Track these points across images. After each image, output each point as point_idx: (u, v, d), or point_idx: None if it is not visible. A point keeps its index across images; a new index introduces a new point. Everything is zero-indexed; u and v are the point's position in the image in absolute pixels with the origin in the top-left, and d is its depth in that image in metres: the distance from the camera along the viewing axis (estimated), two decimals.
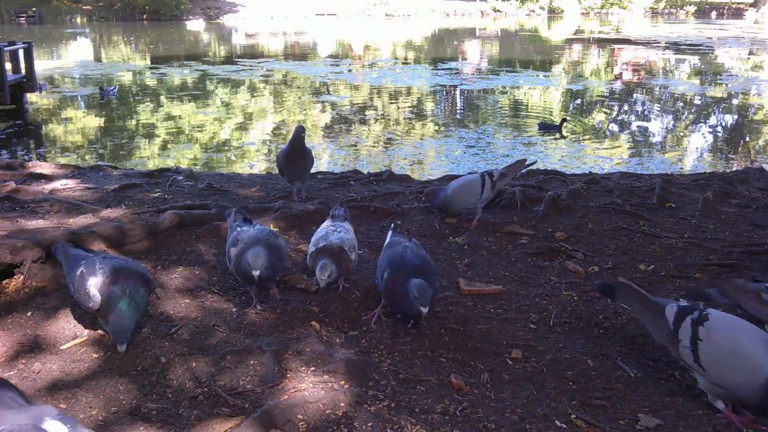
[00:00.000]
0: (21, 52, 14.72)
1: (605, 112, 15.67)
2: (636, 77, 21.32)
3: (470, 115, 15.20)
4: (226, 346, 2.88)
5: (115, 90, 16.97)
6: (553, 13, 56.62)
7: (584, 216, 4.92)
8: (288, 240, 4.26)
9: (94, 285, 2.72)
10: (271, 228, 4.38)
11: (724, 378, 2.50)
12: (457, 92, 18.67)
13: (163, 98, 17.13)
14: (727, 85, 19.69)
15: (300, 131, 5.06)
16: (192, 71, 21.81)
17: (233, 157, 11.18)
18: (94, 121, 14.28)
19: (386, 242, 3.49)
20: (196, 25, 44.74)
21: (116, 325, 2.69)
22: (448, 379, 2.71)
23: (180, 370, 2.70)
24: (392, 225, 3.75)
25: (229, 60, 25.94)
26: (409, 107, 16.01)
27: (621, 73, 22.34)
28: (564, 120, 12.73)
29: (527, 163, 4.94)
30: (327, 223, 3.65)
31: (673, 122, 14.60)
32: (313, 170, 5.77)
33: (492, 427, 2.42)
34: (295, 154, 5.07)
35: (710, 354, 2.52)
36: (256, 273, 3.04)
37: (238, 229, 3.37)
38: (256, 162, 10.70)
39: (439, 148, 11.70)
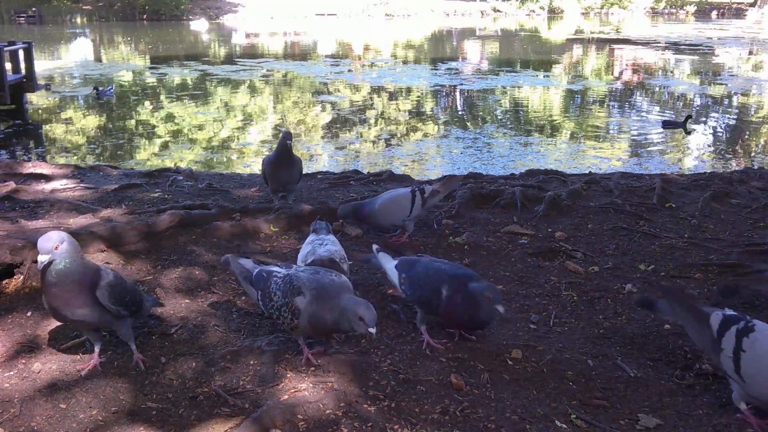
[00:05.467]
0: (21, 52, 14.72)
1: (605, 112, 15.67)
2: (636, 77, 21.33)
3: (469, 115, 15.21)
4: (227, 346, 2.88)
5: (111, 90, 16.79)
6: (553, 13, 56.64)
7: (584, 216, 4.92)
8: (288, 240, 4.26)
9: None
10: (271, 228, 4.39)
11: (764, 391, 2.43)
12: (457, 92, 18.67)
13: (162, 98, 17.13)
14: (727, 85, 19.70)
15: (287, 138, 4.76)
16: (192, 71, 21.81)
17: (233, 157, 11.18)
18: (94, 121, 14.28)
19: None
20: (199, 25, 44.69)
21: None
22: (448, 379, 2.70)
23: (180, 370, 2.70)
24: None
25: (229, 60, 25.95)
26: (408, 107, 16.01)
27: (621, 73, 22.34)
28: (689, 116, 13.03)
29: (461, 180, 4.77)
30: (311, 238, 3.48)
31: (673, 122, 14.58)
32: (313, 170, 5.75)
33: (492, 427, 2.42)
34: (281, 162, 4.79)
35: (752, 366, 2.45)
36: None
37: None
38: (255, 162, 10.69)
39: (438, 148, 11.71)
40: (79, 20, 47.17)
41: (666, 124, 13.11)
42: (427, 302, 2.97)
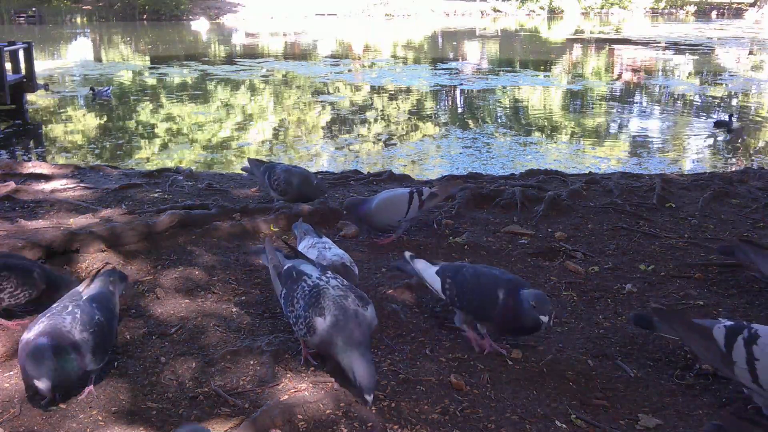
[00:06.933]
0: (21, 52, 14.72)
1: (605, 112, 15.67)
2: (636, 77, 21.33)
3: (469, 115, 15.21)
4: (227, 346, 2.88)
5: (109, 91, 16.66)
6: (553, 13, 56.63)
7: (584, 216, 4.92)
8: (287, 240, 4.26)
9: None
10: (271, 228, 4.38)
11: None
12: (457, 92, 18.68)
13: (162, 98, 17.12)
14: (727, 85, 19.70)
15: (321, 192, 4.85)
16: (192, 71, 21.81)
17: (233, 157, 11.18)
18: (94, 121, 14.28)
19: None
20: (199, 25, 44.66)
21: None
22: (448, 379, 2.70)
23: (180, 370, 2.70)
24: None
25: (229, 60, 25.95)
26: (408, 107, 16.01)
27: (621, 73, 22.35)
28: (731, 115, 13.44)
29: (461, 183, 4.67)
30: (308, 242, 3.38)
31: (673, 122, 14.59)
32: (313, 170, 5.76)
33: (492, 427, 2.42)
34: (303, 195, 4.79)
35: None
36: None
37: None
38: None
39: (437, 148, 11.71)
40: (79, 20, 47.15)
41: (717, 125, 13.44)
42: (479, 308, 2.90)
